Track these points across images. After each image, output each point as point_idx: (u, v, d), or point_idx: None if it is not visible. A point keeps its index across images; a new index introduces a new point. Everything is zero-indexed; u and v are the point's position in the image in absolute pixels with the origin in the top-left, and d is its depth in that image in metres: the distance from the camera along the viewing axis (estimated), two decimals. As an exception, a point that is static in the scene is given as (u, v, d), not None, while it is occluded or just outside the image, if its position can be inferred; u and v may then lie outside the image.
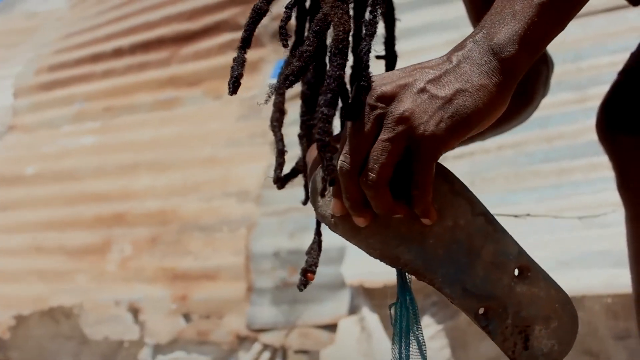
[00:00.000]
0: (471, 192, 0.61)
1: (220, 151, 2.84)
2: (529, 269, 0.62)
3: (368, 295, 2.19)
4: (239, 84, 0.61)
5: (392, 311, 0.63)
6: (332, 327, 2.25)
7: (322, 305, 2.28)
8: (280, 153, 0.72)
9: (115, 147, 3.06)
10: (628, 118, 0.88)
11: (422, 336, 0.62)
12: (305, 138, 0.76)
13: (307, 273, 0.71)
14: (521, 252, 0.62)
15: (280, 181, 0.72)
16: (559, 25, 0.57)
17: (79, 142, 3.18)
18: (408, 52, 2.37)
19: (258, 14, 0.64)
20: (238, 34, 3.21)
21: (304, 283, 0.70)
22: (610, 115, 0.91)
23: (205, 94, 3.05)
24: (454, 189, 0.60)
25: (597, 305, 1.82)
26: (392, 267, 0.62)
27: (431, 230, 0.59)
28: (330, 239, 2.42)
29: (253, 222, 2.55)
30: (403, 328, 0.62)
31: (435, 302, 2.10)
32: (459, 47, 0.57)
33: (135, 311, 2.61)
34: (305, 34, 0.65)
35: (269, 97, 0.61)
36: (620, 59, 2.28)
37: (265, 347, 2.37)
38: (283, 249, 2.43)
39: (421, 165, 0.56)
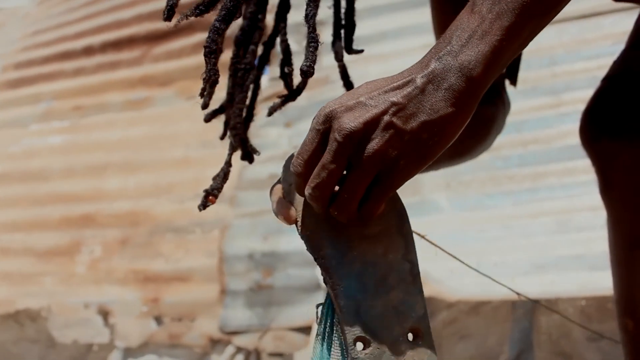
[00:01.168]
0: (414, 242, 0.62)
1: (193, 152, 2.81)
2: (422, 338, 0.61)
3: None
4: (174, 12, 0.68)
5: (319, 311, 0.63)
6: (306, 330, 2.23)
7: (297, 308, 2.26)
8: (213, 83, 0.75)
9: (85, 147, 3.01)
10: (611, 123, 0.89)
11: (345, 338, 0.61)
12: (232, 78, 0.80)
13: (210, 196, 0.75)
14: (424, 319, 0.61)
15: (206, 107, 0.76)
16: (524, 46, 0.57)
17: (47, 142, 3.12)
18: (384, 55, 2.37)
19: None
20: (212, 34, 3.19)
21: (204, 204, 0.75)
22: (594, 121, 0.92)
23: (177, 94, 3.01)
24: (400, 228, 0.61)
25: (571, 308, 1.84)
26: (310, 252, 0.62)
27: (360, 245, 0.60)
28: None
29: (226, 224, 2.53)
30: (327, 328, 0.62)
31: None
32: (423, 65, 0.56)
33: (105, 314, 2.56)
34: None
35: (179, 22, 0.66)
36: (594, 65, 2.32)
37: (239, 350, 2.34)
38: (257, 251, 2.41)
39: (379, 193, 0.58)
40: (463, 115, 0.55)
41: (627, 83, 0.91)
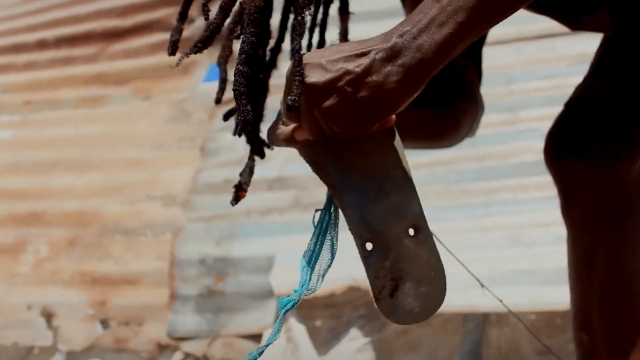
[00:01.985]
0: (404, 152, 0.71)
1: (147, 153, 2.76)
2: (422, 231, 0.69)
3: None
4: (177, 47, 0.72)
5: (317, 215, 0.72)
6: (257, 337, 2.21)
7: (248, 315, 2.24)
8: (223, 81, 0.83)
9: (35, 143, 2.93)
10: (573, 145, 0.93)
11: (337, 238, 0.72)
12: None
13: (240, 191, 0.80)
14: (421, 215, 0.69)
15: (219, 103, 0.84)
16: (477, 37, 0.65)
17: (-5, 136, 3.02)
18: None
19: None
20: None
21: (235, 199, 0.80)
22: (557, 143, 0.96)
23: (133, 94, 2.96)
24: (391, 142, 0.70)
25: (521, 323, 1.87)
26: (315, 172, 0.71)
27: (358, 160, 0.69)
28: (258, 247, 2.39)
29: (179, 227, 2.49)
30: (322, 228, 0.72)
31: (363, 314, 2.10)
32: (385, 39, 0.64)
33: (48, 316, 2.49)
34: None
35: (181, 60, 0.70)
36: (549, 85, 2.37)
37: (187, 356, 2.30)
38: (209, 256, 2.38)
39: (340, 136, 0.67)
40: (411, 88, 0.63)
41: (587, 108, 0.95)
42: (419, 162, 2.20)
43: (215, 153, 2.62)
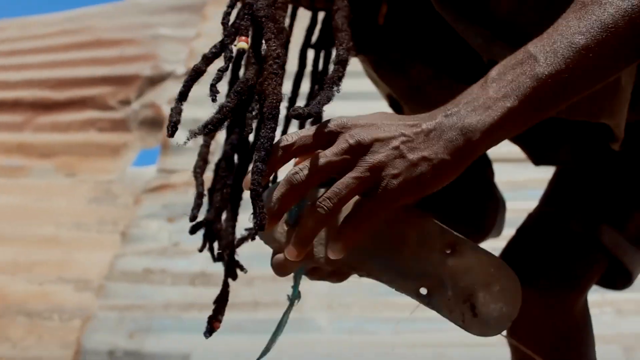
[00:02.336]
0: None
1: (64, 232, 2.64)
2: (456, 244, 0.67)
3: None
4: (177, 129, 0.68)
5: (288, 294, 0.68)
6: None
7: (155, 416, 2.11)
8: (200, 195, 0.80)
9: (-60, 208, 2.74)
10: (523, 273, 0.94)
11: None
12: (220, 193, 0.83)
13: (214, 321, 0.74)
14: (444, 231, 0.67)
15: (194, 220, 0.79)
16: (523, 128, 0.65)
17: None
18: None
19: (197, 73, 0.71)
20: (105, 114, 3.09)
21: (209, 331, 0.73)
22: None
23: (57, 169, 2.86)
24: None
25: None
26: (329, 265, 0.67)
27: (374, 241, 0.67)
28: (174, 344, 2.26)
29: (89, 314, 2.35)
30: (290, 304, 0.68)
31: None
32: (431, 116, 0.64)
33: None
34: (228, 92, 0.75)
35: (188, 140, 0.66)
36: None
37: None
38: (119, 349, 2.25)
39: (365, 209, 0.62)
40: (456, 166, 0.62)
41: (540, 238, 0.98)
42: (348, 270, 2.20)
43: (137, 240, 2.53)
